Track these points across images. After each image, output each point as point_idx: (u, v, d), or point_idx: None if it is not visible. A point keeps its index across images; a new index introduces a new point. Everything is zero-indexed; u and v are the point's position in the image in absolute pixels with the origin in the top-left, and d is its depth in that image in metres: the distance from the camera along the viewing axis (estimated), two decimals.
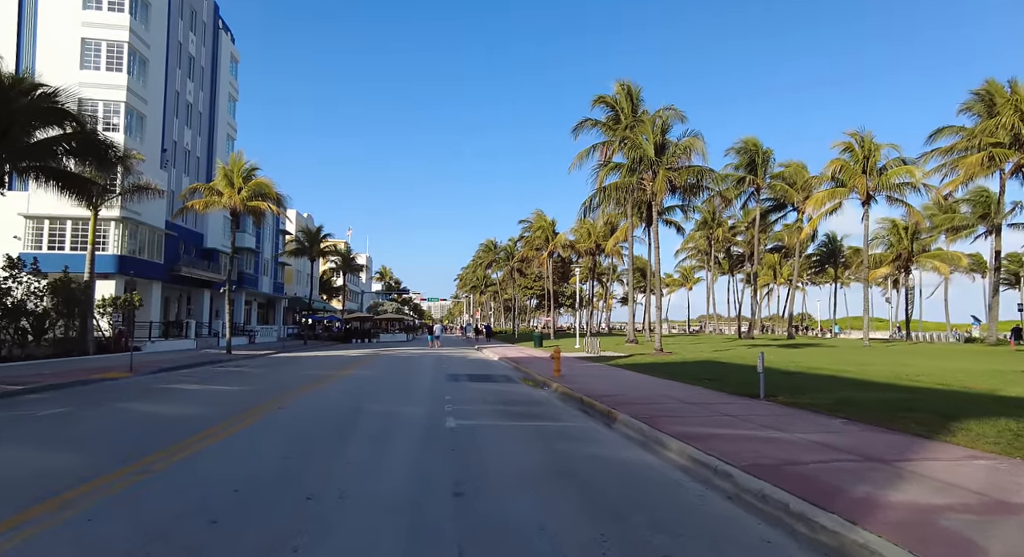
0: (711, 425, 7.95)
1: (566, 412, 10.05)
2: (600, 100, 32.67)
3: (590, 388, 12.53)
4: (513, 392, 13.00)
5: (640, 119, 22.91)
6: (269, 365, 21.38)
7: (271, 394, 11.99)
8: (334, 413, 9.51)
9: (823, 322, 74.37)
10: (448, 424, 8.35)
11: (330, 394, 12.30)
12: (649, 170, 22.48)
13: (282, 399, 11.16)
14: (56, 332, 21.94)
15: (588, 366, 19.16)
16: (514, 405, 10.82)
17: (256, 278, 46.39)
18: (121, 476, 5.32)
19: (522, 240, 69.32)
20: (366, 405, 10.49)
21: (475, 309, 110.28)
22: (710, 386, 12.85)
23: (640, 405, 9.85)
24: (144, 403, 10.73)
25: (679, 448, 6.55)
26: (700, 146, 21.66)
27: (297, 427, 8.15)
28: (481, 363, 23.14)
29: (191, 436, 7.27)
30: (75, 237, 26.51)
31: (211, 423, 8.27)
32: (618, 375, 16.08)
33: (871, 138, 28.79)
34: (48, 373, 15.69)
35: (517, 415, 9.55)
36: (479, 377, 16.57)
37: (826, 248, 55.32)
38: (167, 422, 8.62)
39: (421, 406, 10.44)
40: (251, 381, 15.36)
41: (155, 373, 17.10)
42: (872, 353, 24.88)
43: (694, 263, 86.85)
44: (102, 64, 27.20)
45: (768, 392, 10.78)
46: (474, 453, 6.49)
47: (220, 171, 27.38)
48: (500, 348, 34.94)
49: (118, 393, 12.16)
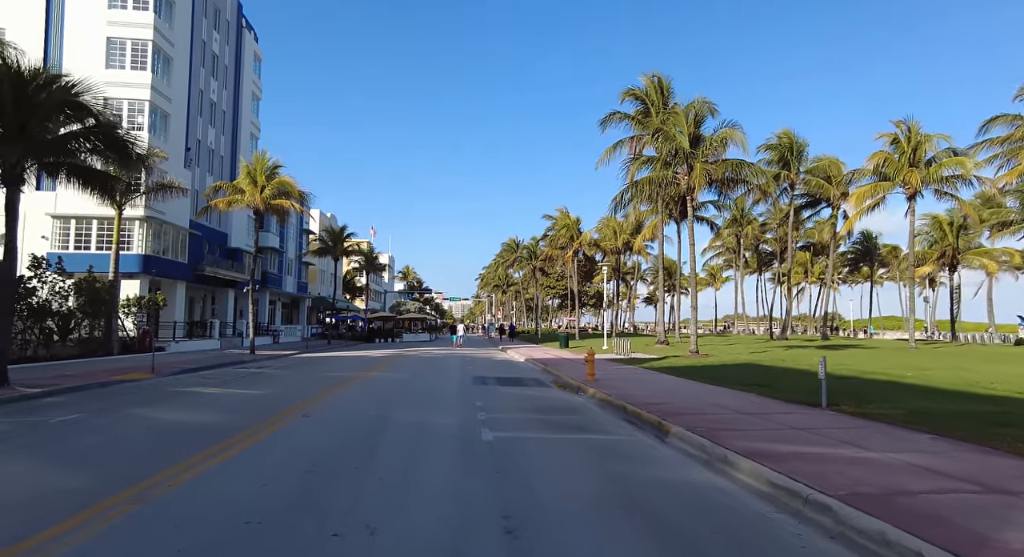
0: (779, 440, 7.07)
1: (609, 422, 9.23)
2: (629, 93, 31.69)
3: (630, 394, 11.68)
4: (547, 398, 12.21)
5: (673, 111, 21.89)
6: (292, 366, 20.93)
7: (294, 399, 11.39)
8: (360, 422, 8.84)
9: (855, 322, 72.02)
10: (484, 436, 7.60)
11: (355, 399, 11.66)
12: (684, 163, 21.45)
13: (305, 404, 10.55)
14: (81, 332, 21.81)
15: (621, 369, 18.28)
16: (551, 413, 10.04)
17: (280, 278, 46.35)
18: (116, 503, 4.66)
19: (545, 239, 68.43)
20: (394, 412, 9.81)
21: (497, 309, 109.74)
22: (761, 393, 11.91)
23: (691, 415, 8.99)
24: (160, 409, 10.19)
25: (752, 469, 5.70)
26: (739, 137, 20.58)
27: (321, 439, 7.48)
28: (508, 365, 22.40)
29: (206, 449, 6.64)
30: (101, 237, 26.46)
31: (228, 433, 7.65)
32: (656, 379, 15.18)
33: (918, 128, 27.30)
34: (70, 374, 15.40)
35: (557, 426, 8.76)
36: (508, 380, 15.82)
37: (861, 246, 53.28)
38: (181, 432, 8.03)
39: (452, 414, 9.72)
40: (273, 384, 14.84)
41: (176, 374, 16.72)
42: (923, 356, 23.49)
43: (722, 262, 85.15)
44: (127, 63, 27.11)
45: (829, 400, 9.83)
46: (518, 475, 5.72)
47: (243, 169, 27.10)
48: (525, 349, 34.16)
49: (136, 397, 11.68)
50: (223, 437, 7.37)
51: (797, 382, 14.01)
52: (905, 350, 27.32)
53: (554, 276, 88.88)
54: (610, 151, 31.32)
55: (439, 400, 11.65)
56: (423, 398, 12.04)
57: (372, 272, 64.86)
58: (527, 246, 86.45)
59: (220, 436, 7.44)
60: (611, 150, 31.24)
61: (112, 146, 13.68)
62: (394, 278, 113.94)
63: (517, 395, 12.54)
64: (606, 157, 31.24)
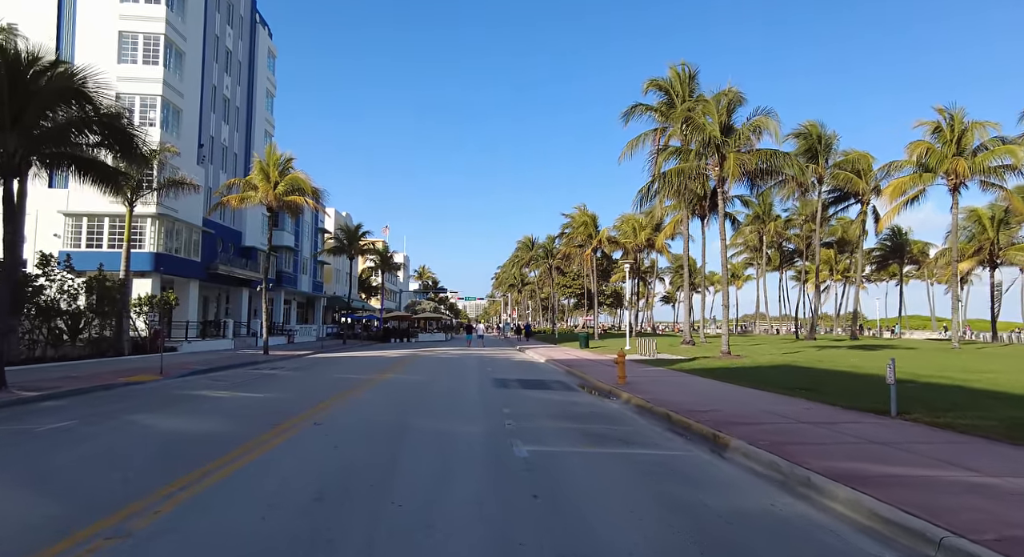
0: (863, 457, 6.05)
1: (654, 433, 8.25)
2: (652, 84, 30.61)
3: (669, 400, 10.68)
4: (578, 403, 11.25)
5: (701, 99, 20.76)
6: (306, 367, 20.19)
7: (305, 404, 10.56)
8: (376, 432, 7.96)
9: (882, 321, 69.95)
10: (518, 451, 6.67)
11: (371, 404, 10.80)
12: (715, 154, 20.33)
13: (317, 410, 9.70)
14: (91, 332, 21.28)
15: (651, 371, 17.24)
16: (586, 422, 9.08)
17: (295, 277, 45.87)
18: (88, 538, 3.82)
19: (562, 237, 67.35)
20: (413, 420, 8.92)
21: (512, 308, 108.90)
22: (811, 397, 10.85)
23: (745, 425, 7.99)
24: (161, 415, 9.40)
25: (850, 498, 4.70)
26: (772, 125, 19.39)
27: (331, 453, 6.60)
28: (528, 366, 21.46)
29: (203, 464, 5.80)
30: (113, 235, 25.99)
31: (230, 445, 6.80)
32: (692, 382, 14.14)
33: (962, 116, 25.78)
34: (75, 376, 14.76)
35: (597, 437, 7.80)
36: (531, 383, 14.87)
37: (891, 242, 51.41)
38: (179, 443, 7.21)
39: (477, 422, 8.80)
40: (285, 386, 14.06)
41: (186, 376, 16.03)
42: (972, 357, 22.10)
43: (742, 260, 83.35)
44: (139, 57, 26.61)
45: (896, 407, 8.76)
46: (567, 504, 4.77)
47: (256, 165, 26.47)
48: (543, 349, 33.18)
49: (139, 401, 10.94)
50: (224, 449, 6.52)
51: (846, 385, 12.92)
52: (948, 350, 25.89)
53: (570, 275, 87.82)
54: (633, 144, 30.28)
55: (460, 405, 10.75)
56: (443, 403, 11.14)
57: (387, 271, 64.36)
58: (543, 245, 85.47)
59: (220, 448, 6.59)
60: (634, 143, 30.20)
61: (116, 137, 12.97)
62: (409, 277, 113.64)
63: (544, 400, 11.59)
64: (629, 150, 30.21)
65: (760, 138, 20.28)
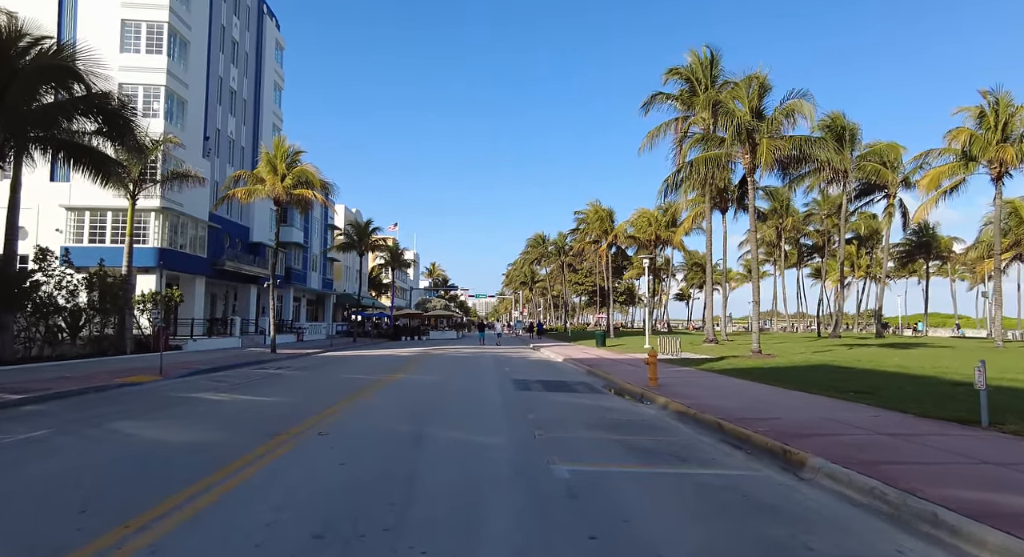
0: (987, 485, 4.94)
1: (706, 444, 7.17)
2: (673, 73, 29.38)
3: (711, 405, 9.58)
4: (610, 409, 10.17)
5: (730, 81, 19.51)
6: (314, 367, 19.27)
7: (309, 409, 9.58)
8: (387, 444, 6.93)
9: (905, 318, 68.14)
10: (556, 471, 5.61)
11: (382, 409, 9.79)
12: (745, 141, 19.11)
13: (322, 417, 8.71)
14: (92, 330, 20.49)
15: (681, 372, 16.10)
16: (626, 431, 8.00)
17: (304, 274, 45.10)
18: None
19: (575, 233, 66.18)
20: (429, 428, 7.89)
21: (524, 306, 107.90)
22: (872, 403, 9.72)
23: (814, 436, 6.89)
24: (150, 422, 8.44)
25: (1005, 545, 3.60)
26: (808, 109, 18.06)
27: (337, 473, 5.58)
28: (546, 366, 20.41)
29: (182, 488, 4.80)
30: (116, 230, 25.22)
31: (220, 461, 5.81)
32: (729, 385, 13.00)
33: (1009, 100, 24.22)
34: (70, 376, 13.90)
35: (644, 452, 6.71)
36: (554, 385, 13.81)
37: (916, 238, 49.68)
38: (161, 457, 6.21)
39: (501, 431, 7.76)
40: (291, 388, 13.11)
41: (187, 376, 15.14)
42: None
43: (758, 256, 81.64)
44: (142, 46, 25.80)
45: (987, 416, 7.61)
46: (637, 552, 3.70)
47: (263, 157, 25.59)
48: (558, 347, 32.11)
49: (129, 405, 10.01)
50: (210, 467, 5.53)
51: (903, 388, 11.73)
52: (992, 349, 24.47)
53: (582, 272, 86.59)
54: (654, 134, 29.08)
55: (481, 411, 9.70)
56: (462, 408, 10.11)
57: (397, 268, 63.62)
58: (554, 241, 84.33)
59: (207, 466, 5.60)
60: (655, 133, 29.00)
61: (110, 121, 12.04)
62: (419, 275, 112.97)
63: (572, 405, 10.53)
64: (649, 141, 29.04)
65: (793, 124, 19.05)
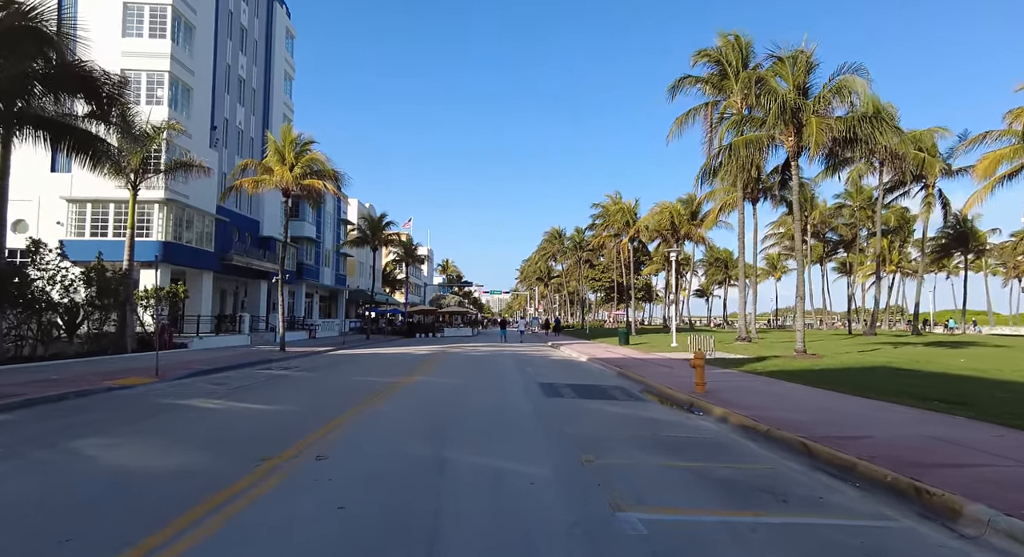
0: None
1: (797, 473, 5.69)
2: (702, 55, 27.68)
3: (776, 416, 8.12)
4: (659, 421, 8.70)
5: (775, 56, 17.79)
6: (323, 367, 18.03)
7: (311, 420, 8.25)
8: (400, 474, 5.54)
9: (937, 315, 65.60)
10: (625, 522, 4.18)
11: (394, 422, 8.43)
12: (790, 122, 17.44)
13: (326, 431, 7.37)
14: (90, 327, 19.43)
15: (725, 375, 14.53)
16: (691, 455, 6.53)
17: (317, 269, 44.04)
18: None
19: (593, 228, 64.57)
20: (450, 451, 6.49)
21: (539, 302, 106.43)
22: (971, 415, 8.18)
23: (939, 467, 5.40)
24: (120, 440, 7.14)
25: None
26: (861, 86, 16.31)
27: (333, 523, 4.20)
28: (571, 366, 18.98)
29: (120, 551, 3.44)
30: (119, 222, 24.17)
31: (182, 504, 4.46)
32: (788, 391, 11.45)
33: None
34: (57, 378, 12.75)
35: (727, 488, 5.24)
36: (586, 390, 12.37)
37: (953, 231, 47.32)
38: (112, 496, 4.87)
39: (540, 455, 6.35)
40: (295, 392, 11.82)
41: (184, 378, 13.93)
42: None
43: (778, 250, 79.43)
44: (145, 30, 24.66)
45: None
46: None
47: (271, 145, 24.37)
48: (579, 345, 30.64)
49: (106, 414, 8.76)
50: (167, 513, 4.18)
51: (994, 395, 10.15)
52: None
53: (599, 268, 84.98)
54: (682, 120, 27.45)
55: (510, 424, 8.29)
56: (486, 420, 8.69)
57: (411, 264, 62.52)
58: (572, 236, 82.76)
59: (163, 511, 4.25)
60: (683, 119, 27.36)
61: (86, 88, 10.74)
62: (433, 271, 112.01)
63: (614, 416, 9.09)
64: (677, 127, 27.43)
65: (843, 103, 17.30)
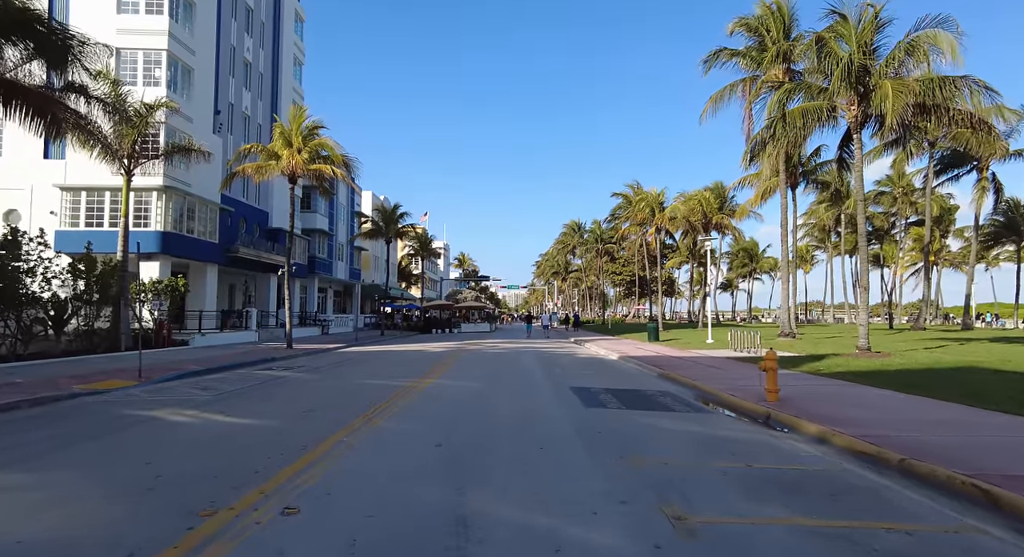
0: None
1: (995, 546, 3.72)
2: (740, 23, 25.47)
3: (897, 437, 6.10)
4: (743, 444, 6.74)
5: (836, 12, 15.51)
6: (329, 367, 16.33)
7: (294, 442, 6.48)
8: (403, 551, 3.68)
9: (979, 307, 62.26)
10: None
11: (399, 448, 6.58)
12: (851, 89, 15.26)
13: (306, 461, 5.58)
14: (79, 323, 17.99)
15: (786, 377, 12.46)
16: (816, 505, 4.59)
17: (330, 263, 42.55)
18: None
19: (613, 219, 62.31)
20: (474, 499, 4.63)
21: (557, 297, 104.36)
22: None
23: None
24: (31, 476, 5.42)
25: None
26: (947, 42, 14.00)
27: None
28: (601, 365, 17.07)
29: None
30: (114, 212, 22.72)
31: None
32: (881, 400, 9.41)
33: None
34: (20, 382, 11.22)
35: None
36: (630, 397, 10.44)
37: (1005, 217, 44.23)
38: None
39: (600, 508, 4.46)
40: (288, 400, 10.08)
41: (168, 380, 12.33)
42: None
43: (806, 242, 76.47)
44: (141, 6, 23.10)
45: None
46: None
47: (277, 129, 22.72)
48: (604, 342, 28.68)
49: (50, 430, 7.09)
50: None
51: None
52: None
53: (620, 261, 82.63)
54: (717, 97, 25.26)
55: (549, 450, 6.40)
56: (518, 445, 6.79)
57: (427, 258, 60.97)
58: (591, 229, 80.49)
59: None
60: (719, 96, 25.18)
61: (28, 34, 9.01)
62: (449, 266, 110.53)
63: (683, 437, 7.15)
64: (712, 105, 25.25)
65: (920, 63, 15.02)
